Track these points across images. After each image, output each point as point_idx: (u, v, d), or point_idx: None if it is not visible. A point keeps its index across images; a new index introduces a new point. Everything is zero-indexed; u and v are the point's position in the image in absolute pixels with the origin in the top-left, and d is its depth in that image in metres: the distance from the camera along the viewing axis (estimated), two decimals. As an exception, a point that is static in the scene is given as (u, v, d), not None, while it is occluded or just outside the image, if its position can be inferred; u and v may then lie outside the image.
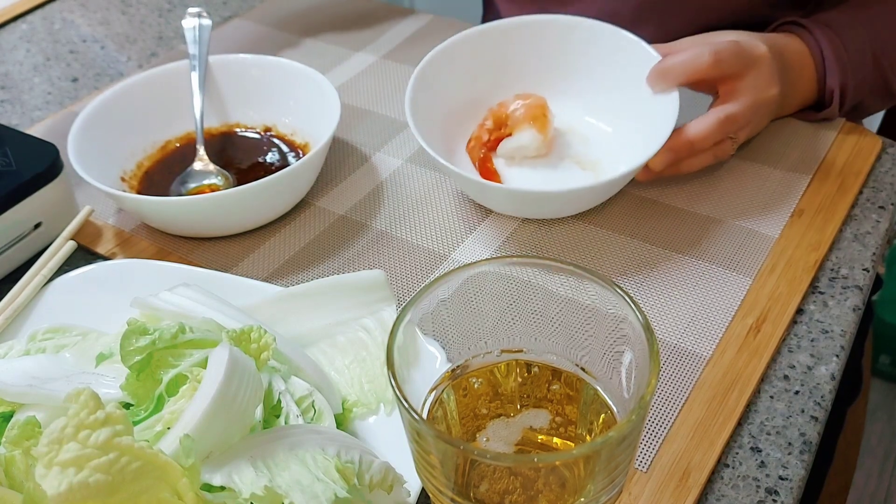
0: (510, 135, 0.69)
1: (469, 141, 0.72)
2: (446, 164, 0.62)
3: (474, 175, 0.68)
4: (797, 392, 0.53)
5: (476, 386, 0.44)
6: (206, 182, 0.71)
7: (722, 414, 0.52)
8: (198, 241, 0.67)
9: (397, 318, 0.39)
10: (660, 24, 0.80)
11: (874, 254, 0.63)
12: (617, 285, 0.40)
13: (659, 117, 0.65)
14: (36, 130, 0.81)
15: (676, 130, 0.64)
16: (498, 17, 0.92)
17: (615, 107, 0.72)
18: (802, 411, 0.52)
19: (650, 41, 0.70)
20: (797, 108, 0.74)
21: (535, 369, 0.44)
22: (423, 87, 0.69)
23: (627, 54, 0.70)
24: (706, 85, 0.68)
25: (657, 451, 0.50)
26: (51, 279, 0.61)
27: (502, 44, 0.74)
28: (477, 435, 0.41)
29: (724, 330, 0.57)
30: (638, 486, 0.48)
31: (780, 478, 0.49)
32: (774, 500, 0.48)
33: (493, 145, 0.70)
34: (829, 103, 0.72)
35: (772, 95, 0.66)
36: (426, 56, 0.71)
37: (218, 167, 0.72)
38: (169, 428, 0.42)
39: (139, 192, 0.70)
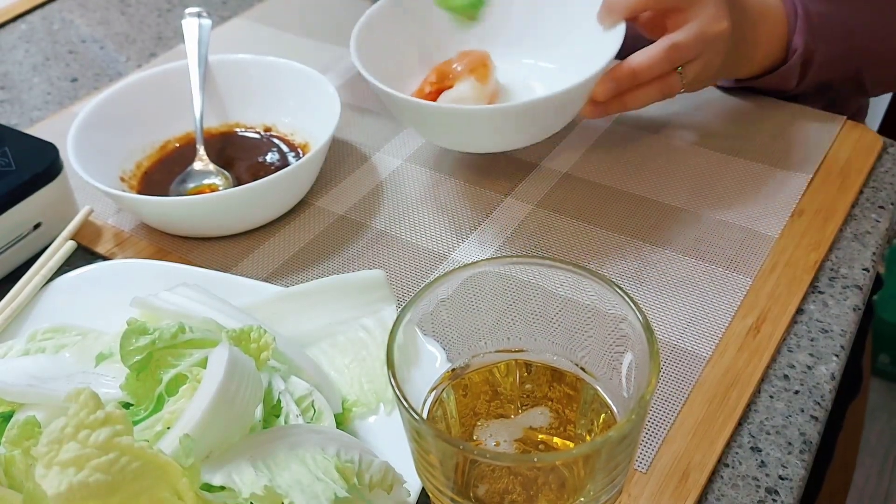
0: (451, 87, 0.69)
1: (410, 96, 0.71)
2: (388, 90, 0.62)
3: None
4: (797, 392, 0.54)
5: (476, 386, 0.44)
6: (205, 182, 0.71)
7: (722, 414, 0.52)
8: (198, 241, 0.67)
9: (397, 317, 0.39)
10: None
11: (874, 253, 0.63)
12: (617, 285, 0.40)
13: (604, 50, 0.64)
14: (36, 130, 0.81)
15: (621, 62, 0.63)
16: None
17: (567, 57, 0.71)
18: (802, 411, 0.52)
19: None
20: (763, 64, 0.73)
21: (535, 369, 0.44)
22: (366, 47, 0.68)
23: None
24: (655, 25, 0.66)
25: (657, 451, 0.50)
26: (51, 279, 0.61)
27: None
28: (476, 435, 0.41)
29: (724, 330, 0.57)
30: (637, 486, 0.48)
31: (780, 477, 0.49)
32: (774, 500, 0.48)
33: (433, 98, 0.69)
34: (787, 60, 0.71)
35: (721, 29, 0.64)
36: (362, 18, 0.70)
37: (218, 167, 0.72)
38: (169, 428, 0.42)
39: (139, 192, 0.70)
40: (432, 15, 0.74)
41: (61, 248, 0.64)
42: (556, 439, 0.41)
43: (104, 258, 0.67)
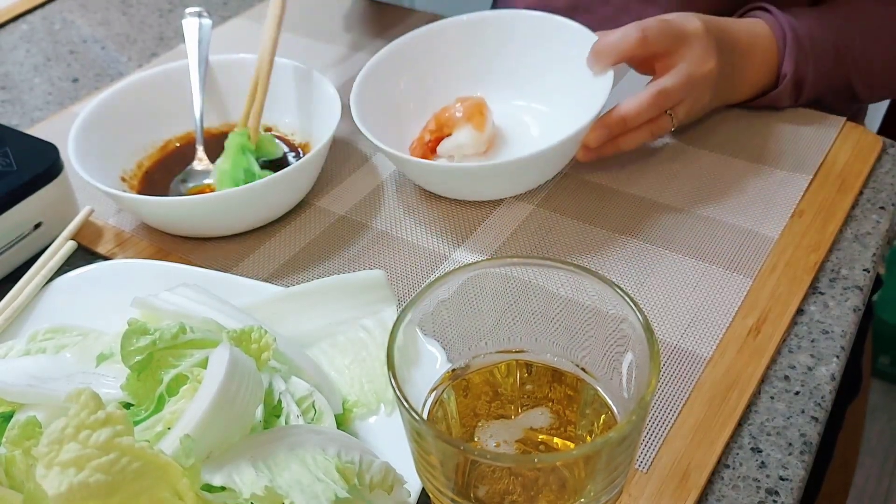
0: (450, 135, 0.71)
1: (411, 144, 0.72)
2: (388, 148, 0.64)
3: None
4: (797, 392, 0.54)
5: (476, 386, 0.44)
6: (206, 182, 0.71)
7: (722, 414, 0.52)
8: (198, 241, 0.67)
9: (398, 318, 0.39)
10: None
11: (874, 254, 0.63)
12: (617, 285, 0.40)
13: (594, 97, 0.66)
14: (36, 130, 0.81)
15: (612, 108, 0.65)
16: None
17: (559, 99, 0.73)
18: (802, 412, 0.52)
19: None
20: (752, 91, 0.74)
21: (536, 370, 0.44)
22: (366, 97, 0.70)
23: (567, 42, 0.71)
24: (645, 65, 0.68)
25: (657, 451, 0.50)
26: (51, 279, 0.61)
27: (442, 46, 0.76)
28: (477, 435, 0.41)
29: (724, 330, 0.57)
30: (638, 486, 0.48)
31: (781, 478, 0.49)
32: (775, 501, 0.48)
33: (433, 146, 0.71)
34: (778, 86, 0.72)
35: (708, 70, 0.66)
36: (363, 68, 0.72)
37: (218, 167, 0.72)
38: (169, 428, 0.42)
39: (139, 192, 0.70)
40: (427, 62, 0.75)
41: (62, 248, 0.64)
42: (556, 440, 0.41)
43: (105, 258, 0.67)
